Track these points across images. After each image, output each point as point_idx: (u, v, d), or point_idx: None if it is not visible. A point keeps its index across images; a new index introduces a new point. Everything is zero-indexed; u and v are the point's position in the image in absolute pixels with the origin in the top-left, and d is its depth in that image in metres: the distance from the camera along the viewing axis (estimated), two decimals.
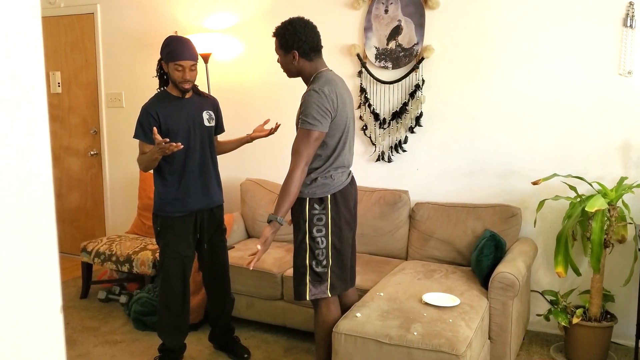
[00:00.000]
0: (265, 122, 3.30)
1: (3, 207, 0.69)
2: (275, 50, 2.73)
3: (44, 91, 0.73)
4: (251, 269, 2.62)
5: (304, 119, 2.55)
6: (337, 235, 2.67)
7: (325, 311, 2.76)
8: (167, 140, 2.83)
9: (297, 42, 2.63)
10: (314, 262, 2.67)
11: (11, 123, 0.69)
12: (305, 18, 2.72)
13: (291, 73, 2.75)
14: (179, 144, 2.86)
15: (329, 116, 2.58)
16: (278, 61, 2.76)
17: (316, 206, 2.66)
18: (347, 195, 2.73)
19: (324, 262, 2.67)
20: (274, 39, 2.72)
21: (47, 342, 0.79)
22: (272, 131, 3.26)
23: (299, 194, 2.66)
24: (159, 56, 3.10)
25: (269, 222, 2.56)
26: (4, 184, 0.69)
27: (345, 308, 2.87)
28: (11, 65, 0.69)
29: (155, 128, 2.87)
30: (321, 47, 2.74)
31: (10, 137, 0.69)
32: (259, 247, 2.55)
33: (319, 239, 2.65)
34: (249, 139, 3.32)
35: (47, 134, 0.74)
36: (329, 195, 2.65)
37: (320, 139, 2.59)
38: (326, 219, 2.65)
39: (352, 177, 2.83)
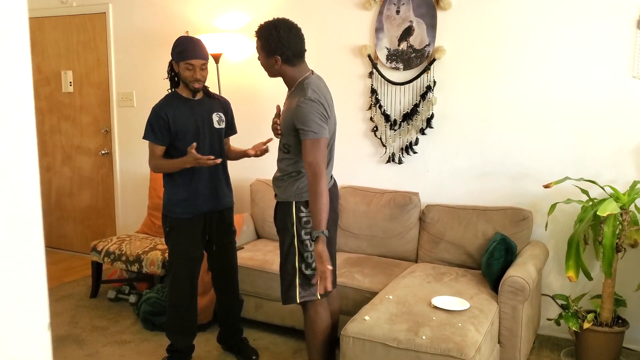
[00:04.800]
0: (268, 141, 3.21)
1: None
2: (257, 49, 2.70)
3: (32, 103, 0.71)
4: (327, 290, 2.53)
5: (307, 130, 2.52)
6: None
7: (313, 314, 2.76)
8: (212, 157, 2.89)
9: (280, 48, 2.59)
10: (303, 265, 2.67)
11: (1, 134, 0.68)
12: (290, 20, 2.67)
13: (272, 74, 2.73)
14: (220, 159, 2.92)
15: (327, 122, 2.59)
16: (259, 59, 2.72)
17: (303, 209, 2.67)
18: (332, 197, 2.73)
19: (313, 265, 2.66)
20: (257, 39, 2.67)
21: (35, 359, 0.78)
22: (259, 154, 3.21)
23: (285, 197, 2.69)
24: (170, 56, 3.11)
25: (317, 237, 2.51)
26: None
27: (331, 313, 2.87)
28: (2, 77, 0.68)
29: (194, 144, 2.90)
30: (305, 51, 2.70)
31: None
32: (329, 267, 2.48)
33: (307, 242, 2.65)
34: (246, 155, 3.26)
35: (35, 145, 0.72)
36: None
37: (327, 145, 2.59)
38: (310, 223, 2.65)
39: (334, 180, 2.87)
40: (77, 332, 3.79)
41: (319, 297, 2.71)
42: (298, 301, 2.71)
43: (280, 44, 2.58)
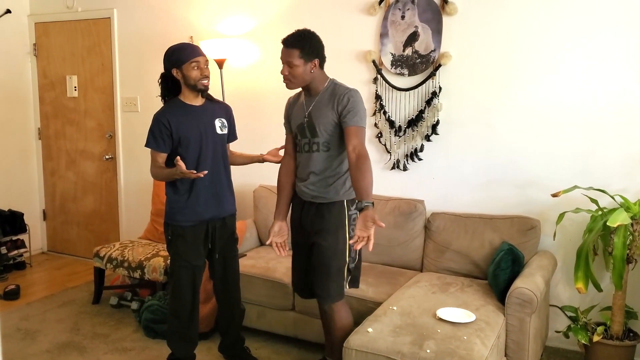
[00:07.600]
0: (281, 148, 3.17)
1: None
2: (291, 60, 2.73)
3: None
4: (370, 249, 2.53)
5: (359, 118, 2.69)
6: None
7: (346, 315, 2.88)
8: (194, 171, 2.86)
9: (320, 52, 2.78)
10: (350, 261, 2.82)
11: None
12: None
13: (301, 82, 2.80)
14: (205, 172, 2.90)
15: None
16: (285, 72, 2.77)
17: (351, 207, 2.81)
18: None
19: (356, 260, 2.87)
20: (293, 49, 2.73)
21: None
22: (277, 161, 3.17)
23: (338, 197, 2.81)
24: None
25: (365, 206, 2.50)
26: None
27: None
28: None
29: (178, 157, 2.86)
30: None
31: None
32: (378, 225, 2.49)
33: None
34: (261, 160, 3.23)
35: None
36: None
37: None
38: (357, 218, 2.71)
39: None
40: (79, 339, 3.75)
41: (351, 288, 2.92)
42: (343, 297, 2.84)
43: (320, 47, 2.79)
